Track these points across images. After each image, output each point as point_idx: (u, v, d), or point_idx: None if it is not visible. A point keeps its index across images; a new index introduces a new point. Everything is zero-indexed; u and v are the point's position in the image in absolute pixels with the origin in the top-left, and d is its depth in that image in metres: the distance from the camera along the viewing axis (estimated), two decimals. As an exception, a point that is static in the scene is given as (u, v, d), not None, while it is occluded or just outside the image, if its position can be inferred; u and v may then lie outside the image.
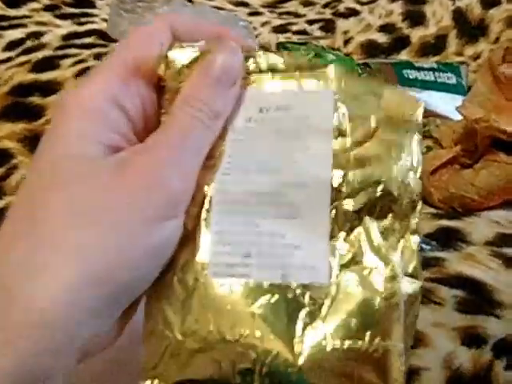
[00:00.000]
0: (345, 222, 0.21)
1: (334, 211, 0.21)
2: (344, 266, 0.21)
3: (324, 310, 0.20)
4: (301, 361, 0.20)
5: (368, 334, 0.20)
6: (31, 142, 0.47)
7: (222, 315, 0.21)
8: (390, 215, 0.21)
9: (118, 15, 0.43)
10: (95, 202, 0.19)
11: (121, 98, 0.21)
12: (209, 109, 0.21)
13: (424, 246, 0.38)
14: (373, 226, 0.21)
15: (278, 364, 0.20)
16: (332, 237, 0.21)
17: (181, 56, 0.22)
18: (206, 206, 0.21)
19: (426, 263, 0.36)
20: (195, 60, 0.22)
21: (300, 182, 0.21)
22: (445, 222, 0.40)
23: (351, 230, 0.21)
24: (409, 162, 0.21)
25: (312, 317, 0.20)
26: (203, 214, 0.21)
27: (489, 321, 0.31)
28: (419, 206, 0.21)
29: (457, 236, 0.38)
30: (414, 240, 0.21)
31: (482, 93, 0.40)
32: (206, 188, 0.21)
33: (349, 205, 0.21)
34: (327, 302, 0.20)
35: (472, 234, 0.38)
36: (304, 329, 0.20)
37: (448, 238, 0.38)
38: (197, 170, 0.21)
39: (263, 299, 0.21)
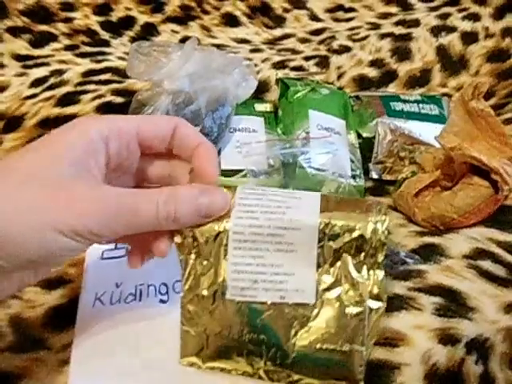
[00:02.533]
0: (328, 257, 0.27)
1: (320, 249, 0.27)
2: (326, 290, 0.28)
3: (310, 321, 0.27)
4: (293, 354, 0.27)
5: (340, 340, 0.27)
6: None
7: (238, 324, 0.28)
8: (363, 253, 0.28)
9: (135, 58, 0.49)
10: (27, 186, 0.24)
11: (109, 138, 0.27)
12: (174, 211, 0.26)
13: (408, 259, 0.42)
14: (349, 260, 0.28)
15: (277, 356, 0.27)
16: (318, 267, 0.27)
17: None
18: (224, 241, 0.27)
19: (410, 275, 0.39)
20: None
21: (295, 226, 0.27)
22: (427, 239, 0.44)
23: (332, 263, 0.28)
24: (378, 217, 0.28)
25: (302, 325, 0.27)
26: (222, 249, 0.28)
27: (462, 323, 0.35)
28: (385, 246, 0.28)
29: (437, 251, 0.42)
30: (380, 272, 0.28)
31: (456, 124, 0.45)
32: (223, 228, 0.27)
33: (331, 244, 0.27)
34: (313, 316, 0.27)
35: (451, 248, 0.42)
36: (296, 333, 0.27)
37: (429, 253, 0.42)
38: (119, 230, 0.25)
39: (267, 313, 0.27)
